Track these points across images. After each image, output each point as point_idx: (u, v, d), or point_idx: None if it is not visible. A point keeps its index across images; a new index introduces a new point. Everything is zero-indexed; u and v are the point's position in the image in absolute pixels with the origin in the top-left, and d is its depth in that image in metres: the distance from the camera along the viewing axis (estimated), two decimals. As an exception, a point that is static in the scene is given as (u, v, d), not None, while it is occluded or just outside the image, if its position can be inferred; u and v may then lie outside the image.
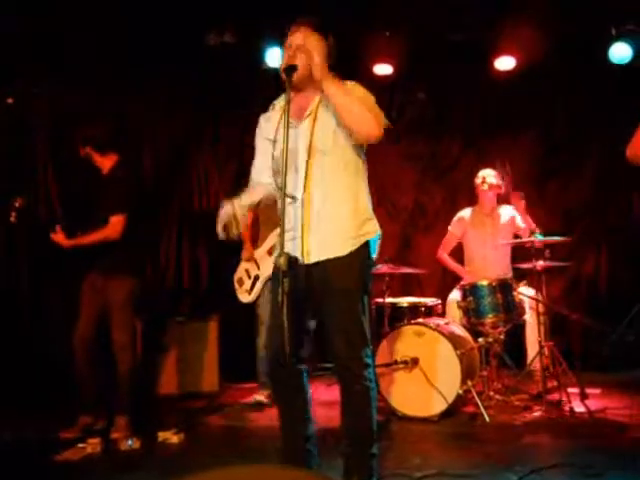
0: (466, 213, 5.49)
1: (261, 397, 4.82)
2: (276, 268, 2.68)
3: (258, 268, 4.94)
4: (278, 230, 4.53)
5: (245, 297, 4.98)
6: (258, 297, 4.91)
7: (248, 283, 4.96)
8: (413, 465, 3.38)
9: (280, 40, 5.50)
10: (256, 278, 4.93)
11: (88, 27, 5.18)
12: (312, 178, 2.74)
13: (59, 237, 4.18)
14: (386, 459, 3.49)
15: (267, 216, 4.88)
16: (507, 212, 5.42)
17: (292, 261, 2.63)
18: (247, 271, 4.99)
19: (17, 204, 4.06)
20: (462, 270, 5.45)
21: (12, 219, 4.05)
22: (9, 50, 5.14)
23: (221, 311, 5.45)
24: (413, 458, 3.52)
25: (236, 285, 5.05)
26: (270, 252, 4.78)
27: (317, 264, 2.75)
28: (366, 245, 2.83)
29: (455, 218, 5.52)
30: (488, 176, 5.32)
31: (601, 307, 5.96)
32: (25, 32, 5.15)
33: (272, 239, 4.80)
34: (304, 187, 2.74)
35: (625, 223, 6.14)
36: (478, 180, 5.37)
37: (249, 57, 5.84)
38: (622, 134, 3.08)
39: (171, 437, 4.00)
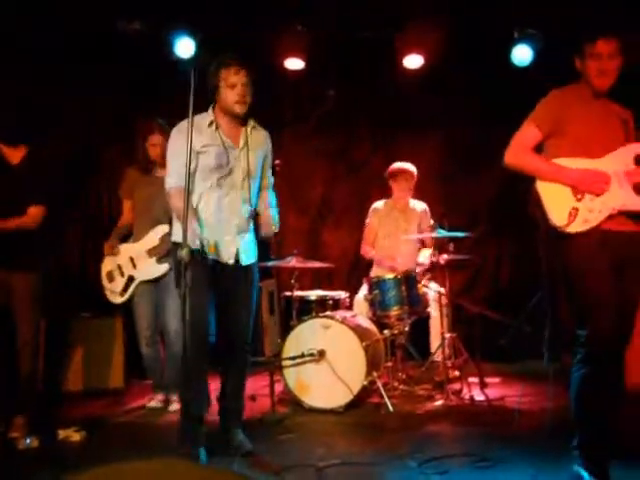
0: (379, 204, 5.52)
1: (155, 403, 4.70)
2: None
3: (134, 267, 4.60)
4: (160, 229, 4.47)
5: (116, 298, 4.68)
6: (133, 300, 4.63)
7: (121, 282, 4.64)
8: (317, 455, 3.43)
9: (190, 31, 5.54)
10: (130, 279, 4.61)
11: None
12: (246, 195, 3.52)
13: None
14: (291, 450, 3.56)
15: (145, 207, 4.56)
16: (419, 207, 5.51)
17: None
18: (120, 267, 4.64)
19: None
20: (378, 256, 5.43)
21: None
22: None
23: (127, 307, 5.32)
24: (317, 449, 3.56)
25: (104, 279, 4.73)
26: (151, 253, 4.51)
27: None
28: None
29: (370, 209, 5.54)
30: (404, 169, 5.37)
31: (502, 300, 6.20)
32: None
33: (152, 239, 4.50)
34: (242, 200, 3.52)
35: (522, 219, 6.38)
36: (392, 173, 5.40)
37: (158, 47, 5.72)
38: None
39: (72, 435, 3.90)
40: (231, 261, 3.46)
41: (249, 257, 3.55)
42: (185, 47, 5.64)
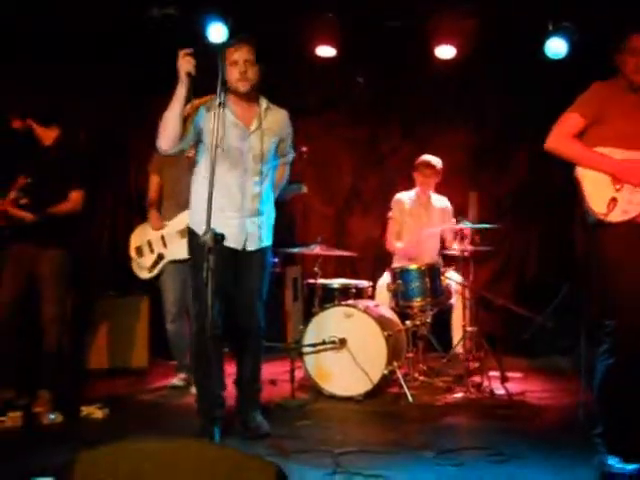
0: (403, 196, 5.46)
1: (177, 381, 4.77)
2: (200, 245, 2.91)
3: (165, 246, 4.69)
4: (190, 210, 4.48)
5: (144, 273, 4.76)
6: (161, 278, 4.71)
7: (150, 258, 4.72)
8: (335, 442, 3.44)
9: (222, 15, 5.55)
10: (160, 257, 4.69)
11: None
12: (258, 179, 3.47)
13: (19, 212, 4.03)
14: (308, 436, 3.59)
15: (172, 186, 4.63)
16: (442, 201, 5.46)
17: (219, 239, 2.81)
18: (150, 243, 4.73)
19: None
20: (404, 250, 5.35)
21: None
22: None
23: (153, 287, 5.38)
24: (335, 435, 3.59)
25: (133, 253, 4.80)
26: (183, 234, 4.43)
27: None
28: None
29: (393, 201, 5.48)
30: (428, 162, 5.31)
31: (528, 293, 6.16)
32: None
33: (184, 221, 4.35)
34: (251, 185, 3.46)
35: (553, 213, 6.34)
36: (418, 165, 5.35)
37: (191, 31, 5.74)
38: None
39: (95, 412, 3.97)
40: (239, 247, 3.45)
41: (258, 242, 3.52)
42: (217, 32, 5.65)
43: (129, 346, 5.29)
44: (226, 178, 3.40)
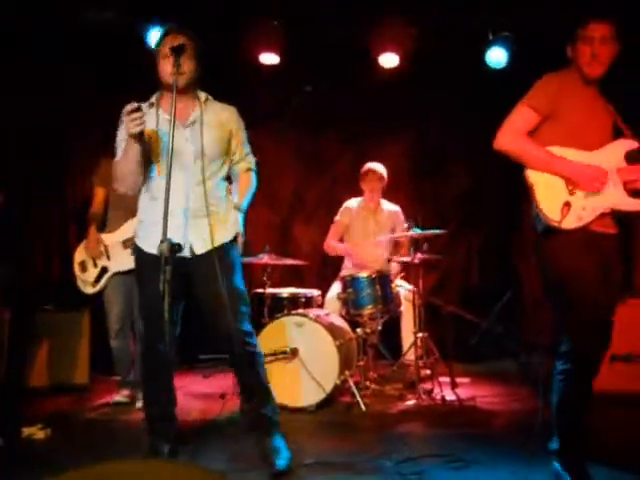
0: (352, 203, 5.48)
1: (120, 397, 4.62)
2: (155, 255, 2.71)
3: (108, 258, 4.58)
4: (135, 220, 4.43)
5: (88, 288, 4.62)
6: (105, 291, 4.58)
7: (93, 272, 4.59)
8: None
9: (163, 21, 5.43)
10: (104, 270, 4.57)
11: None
12: (199, 179, 3.11)
13: None
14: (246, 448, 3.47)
15: (117, 200, 4.50)
16: (391, 209, 5.48)
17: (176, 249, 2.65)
18: (93, 258, 4.61)
19: None
20: (350, 248, 5.39)
21: None
22: None
23: (95, 300, 5.19)
24: (290, 448, 3.49)
25: (76, 269, 4.66)
26: (126, 245, 4.45)
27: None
28: None
29: (342, 207, 5.49)
30: (371, 169, 5.33)
31: (472, 299, 6.23)
32: None
33: (128, 230, 4.42)
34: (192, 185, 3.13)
35: (493, 220, 6.46)
36: (362, 174, 5.37)
37: (131, 37, 5.60)
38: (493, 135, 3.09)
39: (37, 432, 3.78)
40: (186, 253, 3.07)
41: (207, 244, 3.11)
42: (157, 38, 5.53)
43: (70, 362, 5.07)
44: (162, 181, 2.98)
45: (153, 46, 3.27)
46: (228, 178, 3.37)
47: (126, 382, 4.66)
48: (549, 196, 2.79)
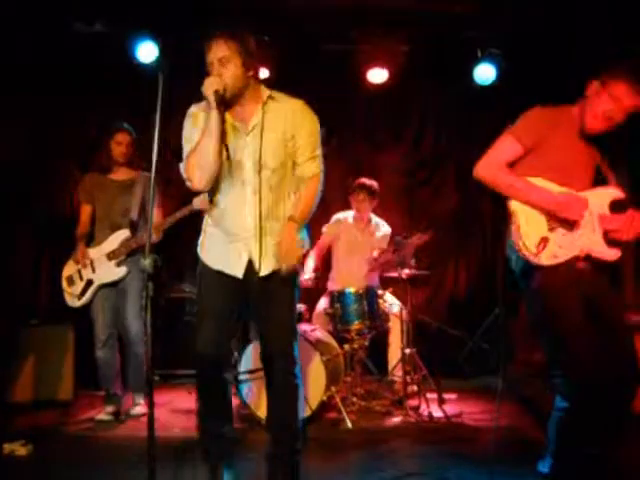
0: (341, 217, 5.44)
1: (104, 415, 4.56)
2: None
3: (93, 271, 4.59)
4: (120, 233, 4.41)
5: (74, 301, 4.62)
6: (91, 304, 4.60)
7: (79, 285, 4.61)
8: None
9: (152, 34, 5.43)
10: (89, 282, 4.59)
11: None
12: (261, 192, 2.82)
13: None
14: (248, 468, 3.43)
15: (105, 210, 4.60)
16: (381, 230, 5.42)
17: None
18: (79, 271, 4.62)
19: None
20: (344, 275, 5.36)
21: None
22: None
23: (79, 315, 5.14)
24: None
25: (64, 283, 4.68)
26: (110, 257, 4.53)
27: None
28: None
29: (332, 219, 5.45)
30: (361, 184, 5.30)
31: (460, 316, 6.22)
32: None
33: (112, 243, 4.54)
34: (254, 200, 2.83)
35: (481, 236, 6.47)
36: (356, 187, 5.32)
37: (119, 50, 5.58)
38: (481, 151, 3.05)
39: (18, 449, 3.73)
40: (239, 274, 2.85)
41: (273, 263, 2.85)
42: (147, 52, 5.54)
43: (54, 377, 5.00)
44: (227, 197, 2.86)
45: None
46: None
47: (110, 396, 4.63)
48: (529, 227, 2.75)
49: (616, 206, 2.85)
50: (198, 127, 2.80)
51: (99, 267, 4.57)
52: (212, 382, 2.96)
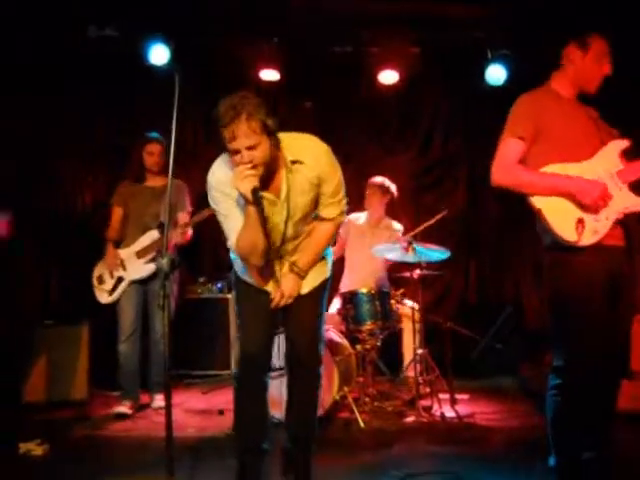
0: (354, 216, 5.46)
1: (123, 408, 4.66)
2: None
3: (124, 269, 4.78)
4: (150, 234, 4.49)
5: (104, 297, 4.81)
6: (119, 300, 4.77)
7: (110, 283, 4.80)
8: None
9: (163, 37, 5.47)
10: (120, 279, 4.78)
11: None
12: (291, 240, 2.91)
13: None
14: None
15: (138, 215, 4.80)
16: (393, 227, 5.44)
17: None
18: (111, 271, 4.81)
19: None
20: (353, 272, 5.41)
21: None
22: None
23: (92, 315, 5.19)
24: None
25: (94, 282, 4.87)
26: (140, 255, 4.73)
27: None
28: None
29: (345, 219, 5.47)
30: (381, 183, 5.33)
31: (470, 315, 6.23)
32: None
33: (144, 241, 4.74)
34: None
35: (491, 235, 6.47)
36: (369, 187, 5.36)
37: (131, 53, 5.62)
38: (493, 152, 3.05)
39: (35, 448, 3.77)
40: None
41: (308, 284, 3.00)
42: (159, 54, 5.58)
43: (68, 377, 5.04)
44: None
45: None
46: None
47: (128, 392, 4.74)
48: (560, 216, 2.73)
49: (628, 155, 2.86)
50: (233, 203, 2.75)
51: (130, 265, 4.77)
52: (256, 385, 3.01)
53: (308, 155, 2.77)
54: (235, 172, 2.59)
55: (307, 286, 2.99)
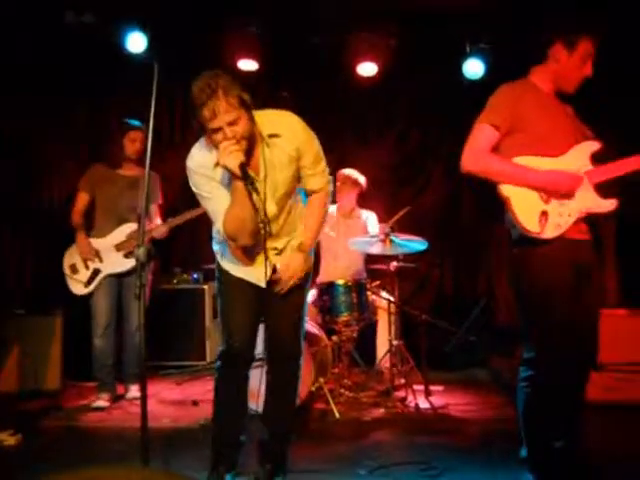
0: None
1: (101, 402, 4.64)
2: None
3: (100, 261, 4.72)
4: (128, 226, 4.59)
5: (79, 289, 4.73)
6: (94, 292, 4.71)
7: (85, 274, 4.73)
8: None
9: (140, 25, 5.41)
10: (96, 272, 4.71)
11: None
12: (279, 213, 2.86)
13: None
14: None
15: (110, 203, 4.72)
16: (365, 215, 5.46)
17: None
18: (85, 260, 4.74)
19: None
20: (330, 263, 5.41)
21: None
22: None
23: (65, 305, 5.14)
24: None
25: (67, 271, 4.77)
26: (119, 248, 4.68)
27: None
28: None
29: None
30: (349, 175, 5.31)
31: (446, 308, 6.28)
32: None
33: (120, 235, 4.69)
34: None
35: (468, 228, 6.52)
36: (339, 179, 5.33)
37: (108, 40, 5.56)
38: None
39: (7, 439, 3.75)
40: (262, 284, 2.91)
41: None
42: (136, 42, 5.53)
43: (41, 367, 5.00)
44: None
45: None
46: None
47: (104, 384, 4.70)
48: (525, 207, 2.74)
49: (597, 158, 2.87)
50: (216, 184, 2.71)
51: (107, 257, 4.70)
52: (237, 379, 3.02)
53: (283, 128, 2.75)
54: (220, 149, 2.54)
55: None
